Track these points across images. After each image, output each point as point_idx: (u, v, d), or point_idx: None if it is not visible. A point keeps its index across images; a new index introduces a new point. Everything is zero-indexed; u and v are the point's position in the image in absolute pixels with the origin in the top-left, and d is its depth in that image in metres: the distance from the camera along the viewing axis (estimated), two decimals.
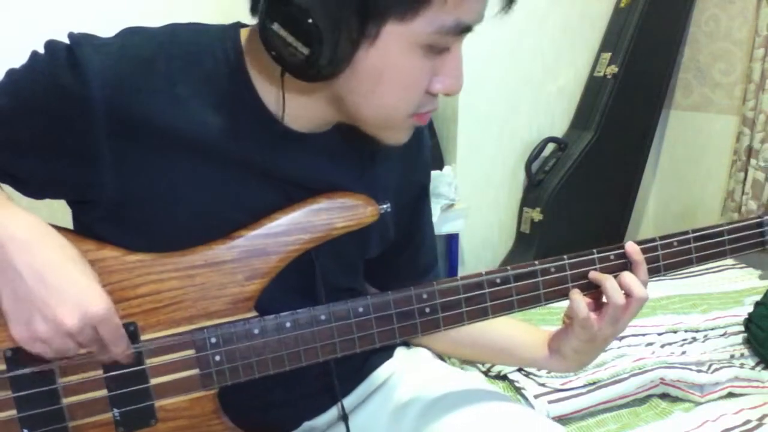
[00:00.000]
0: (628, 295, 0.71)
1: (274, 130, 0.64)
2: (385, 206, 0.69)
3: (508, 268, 0.71)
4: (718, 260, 0.79)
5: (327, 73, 0.56)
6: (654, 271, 0.73)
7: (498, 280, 0.70)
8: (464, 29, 0.58)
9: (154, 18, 0.71)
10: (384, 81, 0.58)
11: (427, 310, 0.68)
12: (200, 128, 0.61)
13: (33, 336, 0.54)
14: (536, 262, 0.71)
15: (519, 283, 0.70)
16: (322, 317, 0.65)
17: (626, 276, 0.71)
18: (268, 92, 0.63)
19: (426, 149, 0.81)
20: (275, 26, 0.53)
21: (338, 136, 0.68)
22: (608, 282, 0.70)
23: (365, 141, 0.65)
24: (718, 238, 0.77)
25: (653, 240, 0.74)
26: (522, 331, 0.83)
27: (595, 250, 0.73)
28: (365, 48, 0.55)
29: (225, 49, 0.63)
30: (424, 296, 0.68)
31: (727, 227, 0.77)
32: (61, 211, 0.70)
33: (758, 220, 0.79)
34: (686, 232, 0.75)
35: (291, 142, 0.65)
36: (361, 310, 0.66)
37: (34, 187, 0.64)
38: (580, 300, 0.71)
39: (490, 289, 0.70)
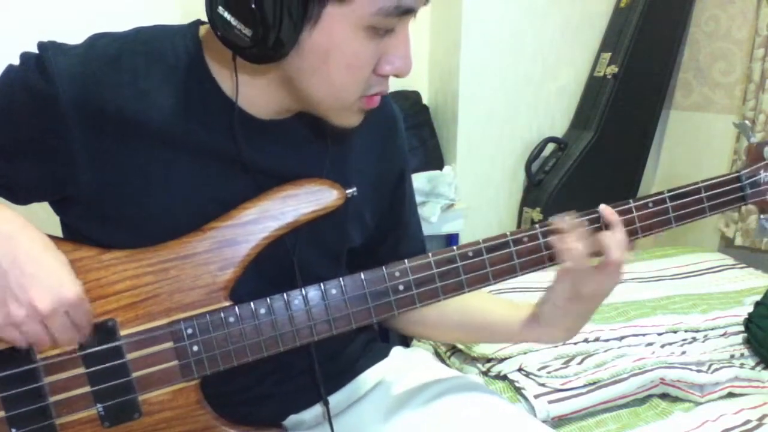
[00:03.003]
0: (606, 256, 0.69)
1: (241, 119, 0.65)
2: (351, 190, 0.69)
3: (480, 240, 0.70)
4: (697, 219, 0.76)
5: (273, 54, 0.57)
6: (631, 234, 0.72)
7: (470, 253, 0.70)
8: (405, 11, 0.59)
9: (152, 18, 0.72)
10: (329, 61, 0.59)
11: (401, 287, 0.68)
12: (166, 120, 0.63)
13: (7, 320, 0.56)
14: (508, 233, 0.71)
15: (492, 255, 0.70)
16: (296, 302, 0.66)
17: (604, 236, 0.69)
18: (226, 80, 0.64)
19: (400, 136, 0.81)
20: (220, 9, 0.55)
21: (302, 124, 0.69)
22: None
23: (328, 127, 0.67)
24: (695, 196, 0.75)
25: (627, 203, 0.73)
26: (507, 306, 0.82)
27: (567, 216, 0.71)
28: (309, 29, 0.57)
29: (185, 44, 0.65)
30: (397, 274, 0.68)
31: (703, 184, 0.76)
32: (52, 215, 0.70)
33: (736, 174, 0.77)
34: (661, 193, 0.74)
35: (254, 129, 0.66)
36: (334, 292, 0.67)
37: (19, 192, 0.66)
38: (565, 224, 0.69)
39: (463, 263, 0.69)
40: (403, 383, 0.83)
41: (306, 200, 0.67)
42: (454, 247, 0.70)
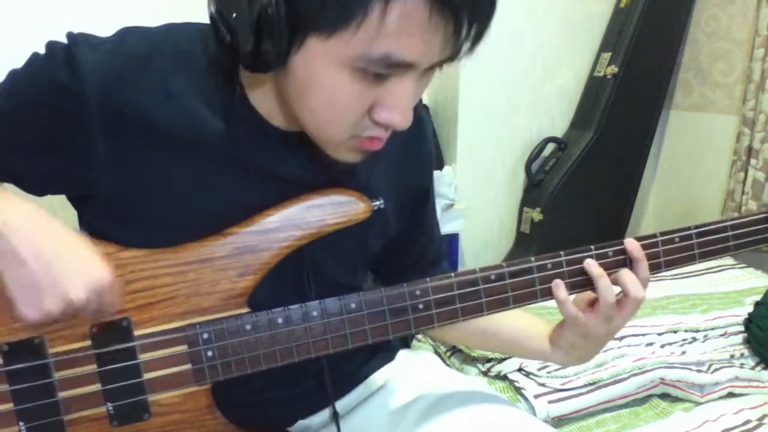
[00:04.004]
0: (624, 294, 0.69)
1: (263, 127, 0.64)
2: (378, 203, 0.68)
3: (503, 264, 0.70)
4: (721, 256, 0.76)
5: (254, 65, 0.55)
6: (655, 267, 0.72)
7: (493, 277, 0.69)
8: (400, 64, 0.53)
9: (153, 19, 0.71)
10: (311, 91, 0.56)
11: (421, 306, 0.67)
12: (192, 124, 0.61)
13: (46, 318, 0.55)
14: (532, 259, 0.70)
15: (514, 280, 0.69)
16: (314, 313, 0.65)
17: (624, 274, 0.69)
18: (252, 85, 0.62)
19: (426, 153, 0.80)
20: (212, 8, 0.54)
21: None
22: (601, 280, 0.68)
23: None
24: (721, 234, 0.75)
25: (654, 236, 0.72)
26: (532, 324, 0.82)
27: (592, 246, 0.71)
28: (294, 52, 0.54)
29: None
30: (417, 293, 0.67)
31: (730, 223, 0.75)
32: (61, 210, 0.70)
33: (765, 215, 0.76)
34: (688, 228, 0.73)
35: (280, 138, 0.65)
36: (353, 306, 0.66)
37: (34, 185, 0.65)
38: (563, 295, 0.69)
39: (484, 286, 0.69)
40: (407, 385, 0.83)
41: (332, 211, 0.66)
42: (477, 269, 0.69)
